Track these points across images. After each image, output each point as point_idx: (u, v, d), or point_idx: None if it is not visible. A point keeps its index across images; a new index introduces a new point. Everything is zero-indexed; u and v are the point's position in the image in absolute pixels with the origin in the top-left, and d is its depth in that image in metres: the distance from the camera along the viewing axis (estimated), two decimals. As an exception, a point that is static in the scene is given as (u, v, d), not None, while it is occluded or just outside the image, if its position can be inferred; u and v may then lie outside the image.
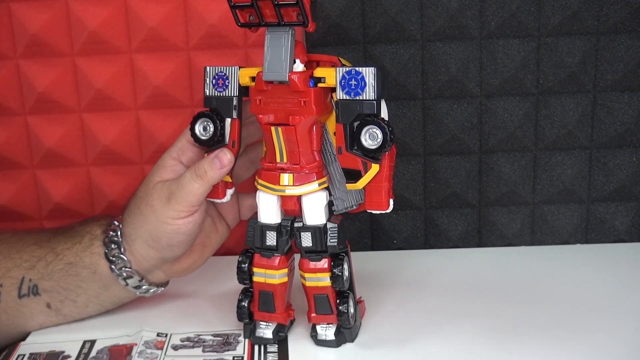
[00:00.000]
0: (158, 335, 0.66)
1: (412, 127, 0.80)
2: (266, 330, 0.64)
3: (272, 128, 0.60)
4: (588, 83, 0.78)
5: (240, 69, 0.62)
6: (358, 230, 0.84)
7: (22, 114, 0.82)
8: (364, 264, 0.75)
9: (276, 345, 0.63)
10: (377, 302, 0.69)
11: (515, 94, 0.79)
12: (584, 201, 0.82)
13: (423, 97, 0.79)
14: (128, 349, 0.64)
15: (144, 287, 0.68)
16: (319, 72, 0.59)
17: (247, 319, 0.64)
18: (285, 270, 0.62)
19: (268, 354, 0.62)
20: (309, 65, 0.61)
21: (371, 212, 0.60)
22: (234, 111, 0.62)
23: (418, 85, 0.79)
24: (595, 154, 0.80)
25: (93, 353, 0.63)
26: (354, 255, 0.64)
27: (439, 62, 0.78)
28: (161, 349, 0.64)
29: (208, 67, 0.63)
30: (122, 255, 0.66)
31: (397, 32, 0.77)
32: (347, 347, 0.63)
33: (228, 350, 0.63)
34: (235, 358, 0.62)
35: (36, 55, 0.80)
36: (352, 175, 0.59)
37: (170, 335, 0.66)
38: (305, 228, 0.61)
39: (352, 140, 0.58)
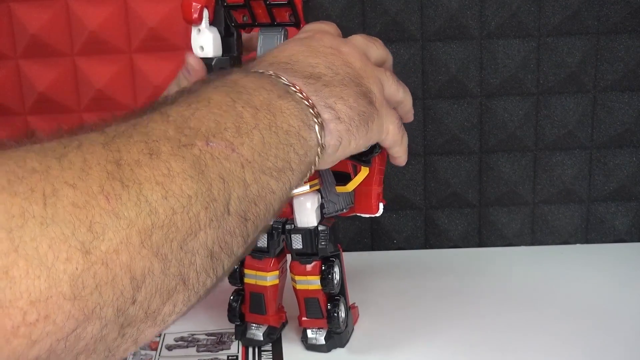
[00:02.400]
0: None
1: (412, 127, 0.80)
2: (257, 332, 0.63)
3: None
4: (588, 83, 0.78)
5: None
6: (358, 230, 0.84)
7: (22, 114, 0.82)
8: (364, 264, 0.75)
9: (270, 344, 0.63)
10: (376, 303, 0.69)
11: (515, 94, 0.79)
12: (584, 201, 0.82)
13: (423, 97, 0.79)
14: (122, 349, 0.63)
15: None
16: None
17: (238, 320, 0.63)
18: (277, 273, 0.62)
19: (262, 353, 0.62)
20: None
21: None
22: None
23: (418, 85, 0.78)
24: (595, 154, 0.80)
25: (88, 353, 0.63)
26: (354, 255, 0.64)
27: (439, 62, 0.78)
28: (155, 349, 0.63)
29: None
30: None
31: (397, 32, 0.77)
32: (338, 352, 0.62)
33: (222, 349, 0.63)
34: (230, 357, 0.62)
35: (36, 55, 0.80)
36: (343, 178, 0.59)
37: (164, 334, 0.65)
38: (296, 230, 0.60)
39: None
